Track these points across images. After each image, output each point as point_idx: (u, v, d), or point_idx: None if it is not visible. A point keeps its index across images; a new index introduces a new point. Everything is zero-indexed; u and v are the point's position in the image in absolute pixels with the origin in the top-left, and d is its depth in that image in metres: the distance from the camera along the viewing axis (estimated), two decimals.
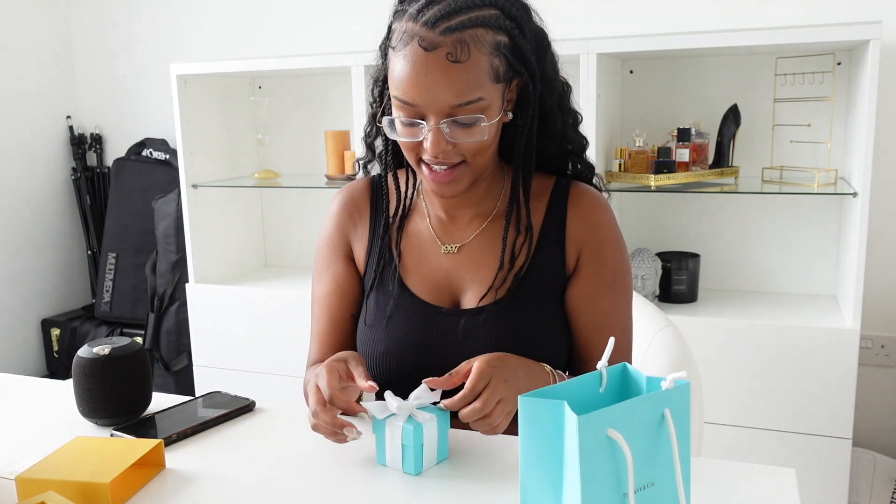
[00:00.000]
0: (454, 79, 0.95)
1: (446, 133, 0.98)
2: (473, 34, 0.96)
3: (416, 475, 0.90)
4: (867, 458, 2.17)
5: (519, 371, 0.96)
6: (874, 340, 2.22)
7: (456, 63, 0.95)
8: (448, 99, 0.96)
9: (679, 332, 1.32)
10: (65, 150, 3.19)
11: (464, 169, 1.03)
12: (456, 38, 0.95)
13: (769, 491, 0.86)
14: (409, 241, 1.16)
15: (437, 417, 0.92)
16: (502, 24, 0.99)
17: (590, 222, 1.11)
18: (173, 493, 0.89)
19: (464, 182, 1.05)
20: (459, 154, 1.02)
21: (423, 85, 0.96)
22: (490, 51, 0.97)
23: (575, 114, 1.15)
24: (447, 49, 0.95)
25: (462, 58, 0.95)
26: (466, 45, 0.95)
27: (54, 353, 3.15)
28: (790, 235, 2.25)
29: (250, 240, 2.83)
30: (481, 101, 0.98)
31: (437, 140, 0.99)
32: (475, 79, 0.96)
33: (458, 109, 0.97)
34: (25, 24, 3.01)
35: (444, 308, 1.11)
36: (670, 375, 0.72)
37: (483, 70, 0.97)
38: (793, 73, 2.13)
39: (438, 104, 0.97)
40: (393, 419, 0.91)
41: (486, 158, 1.05)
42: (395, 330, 1.11)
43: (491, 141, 1.03)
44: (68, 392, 1.18)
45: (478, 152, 1.02)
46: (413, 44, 0.96)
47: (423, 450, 0.90)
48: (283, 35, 2.76)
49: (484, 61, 0.97)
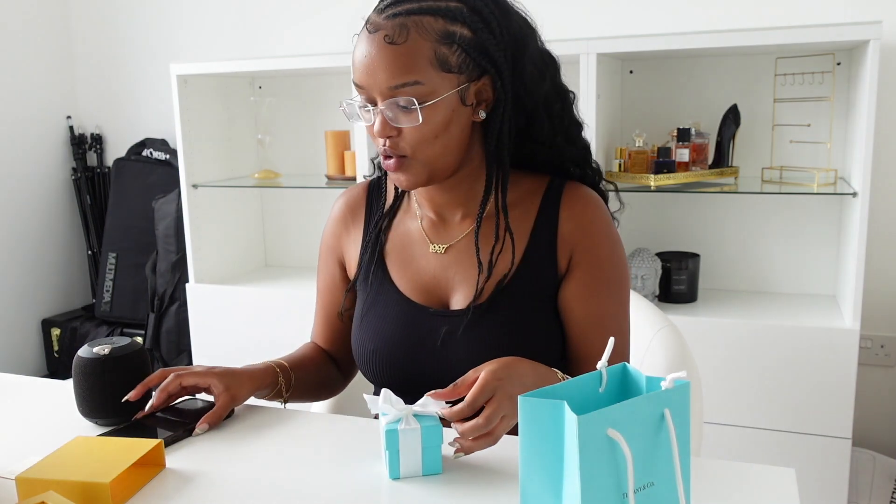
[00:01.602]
0: (388, 60, 0.98)
1: (389, 117, 1.01)
2: (418, 20, 0.98)
3: (392, 479, 0.90)
4: (867, 458, 2.17)
5: (528, 380, 0.92)
6: (874, 340, 2.22)
7: (391, 45, 0.98)
8: (384, 79, 0.99)
9: (679, 332, 1.32)
10: (65, 150, 3.19)
11: (408, 162, 1.03)
12: (398, 23, 0.98)
13: (769, 491, 0.86)
14: (399, 241, 1.17)
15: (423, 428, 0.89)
16: (463, 17, 1.00)
17: (582, 222, 1.10)
18: (173, 493, 0.89)
19: (414, 174, 1.04)
20: (401, 146, 1.02)
21: (364, 66, 1.00)
22: (436, 38, 0.98)
23: (575, 122, 1.13)
24: (386, 31, 0.98)
25: (398, 40, 0.98)
26: (406, 29, 0.98)
27: (54, 353, 3.15)
28: (790, 235, 2.25)
29: (250, 240, 2.83)
30: (418, 86, 0.98)
31: (382, 123, 1.01)
32: (411, 62, 0.98)
33: (394, 91, 0.99)
34: (25, 24, 3.01)
35: (432, 308, 1.12)
36: (670, 375, 0.72)
37: (423, 55, 0.98)
38: (792, 74, 2.13)
39: (378, 85, 1.00)
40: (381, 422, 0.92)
41: (433, 151, 1.03)
42: (383, 329, 1.12)
43: (438, 133, 1.02)
44: (68, 392, 1.18)
45: (420, 143, 1.02)
46: (364, 28, 1.01)
47: (399, 456, 0.89)
48: (283, 35, 2.76)
49: (426, 47, 0.98)
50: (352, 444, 0.99)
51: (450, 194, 1.12)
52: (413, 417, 0.91)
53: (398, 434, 0.89)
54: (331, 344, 1.28)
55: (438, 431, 0.90)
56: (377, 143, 1.06)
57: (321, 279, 1.27)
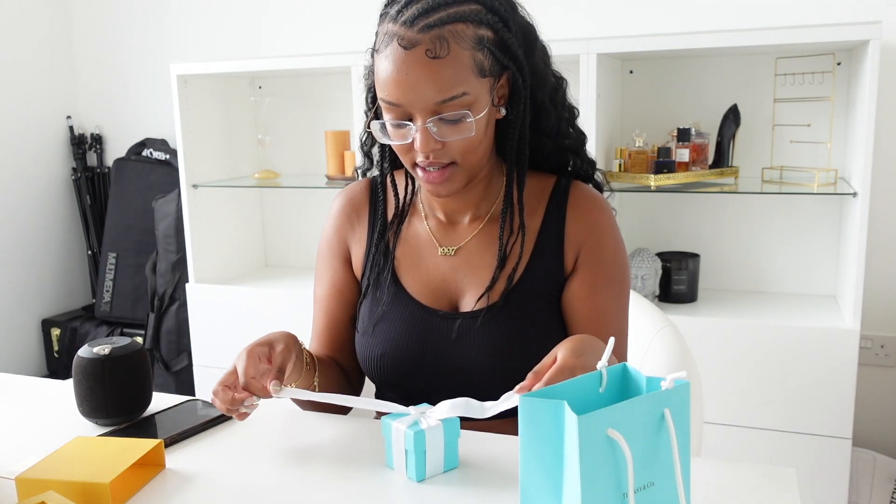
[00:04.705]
0: (435, 75, 0.95)
1: (434, 132, 0.98)
2: (452, 29, 0.96)
3: (418, 482, 0.89)
4: (867, 458, 2.17)
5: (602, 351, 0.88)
6: (874, 340, 2.22)
7: (436, 59, 0.95)
8: (431, 96, 0.96)
9: (679, 332, 1.32)
10: (65, 150, 3.19)
11: (455, 169, 1.03)
12: (434, 35, 0.95)
13: (769, 491, 0.86)
14: (407, 244, 1.16)
15: (445, 424, 0.90)
16: (485, 18, 0.99)
17: (589, 223, 1.10)
18: (173, 493, 0.89)
19: (457, 181, 1.04)
20: (449, 155, 1.01)
21: (405, 84, 0.96)
22: (472, 45, 0.97)
23: (571, 108, 1.14)
24: (426, 46, 0.95)
25: (441, 53, 0.95)
26: (446, 41, 0.95)
27: (54, 353, 3.15)
28: (790, 235, 2.25)
29: (250, 240, 2.83)
30: (466, 97, 0.97)
31: (426, 139, 0.99)
32: (457, 74, 0.96)
33: (442, 106, 0.97)
34: (26, 24, 3.01)
35: (442, 311, 1.11)
36: (670, 375, 0.72)
37: (465, 65, 0.97)
38: (793, 73, 2.13)
39: (422, 102, 0.97)
40: (398, 423, 0.90)
41: (477, 157, 1.04)
42: (392, 332, 1.11)
43: (481, 138, 1.02)
44: (68, 392, 1.18)
45: (468, 151, 1.02)
46: (393, 44, 0.96)
47: (427, 456, 0.89)
48: (283, 35, 2.76)
49: (465, 56, 0.97)
50: (352, 444, 0.99)
51: (465, 196, 1.12)
52: (426, 416, 0.90)
53: (425, 434, 0.88)
54: (337, 354, 1.20)
55: (457, 423, 0.91)
56: (410, 158, 1.03)
57: (324, 285, 1.21)
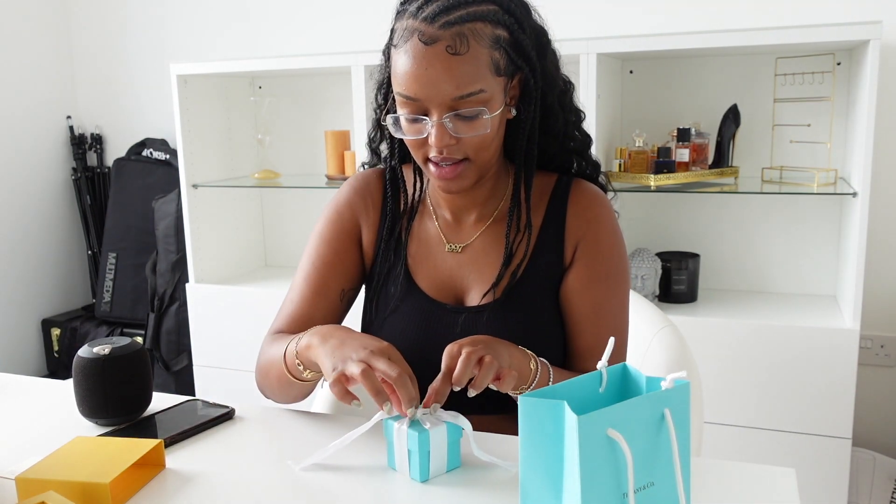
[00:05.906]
0: (454, 71, 0.97)
1: (449, 128, 1.00)
2: (472, 27, 0.97)
3: (422, 482, 0.89)
4: (867, 458, 2.17)
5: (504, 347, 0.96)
6: (874, 340, 2.22)
7: (456, 55, 0.96)
8: (449, 91, 0.97)
9: (679, 331, 1.32)
10: (65, 150, 3.19)
11: (467, 165, 1.04)
12: (455, 32, 0.96)
13: (769, 491, 0.86)
14: (417, 239, 1.17)
15: (448, 425, 0.90)
16: (501, 18, 1.00)
17: (588, 218, 1.12)
18: (173, 493, 0.89)
19: (468, 178, 1.06)
20: (463, 151, 1.03)
21: (424, 78, 0.97)
22: (490, 44, 0.99)
23: (577, 111, 1.16)
24: (447, 42, 0.96)
25: (461, 50, 0.96)
26: (465, 38, 0.97)
27: (54, 353, 3.15)
28: (790, 235, 2.25)
29: (250, 240, 2.83)
30: (482, 94, 0.99)
31: (441, 134, 1.00)
32: (475, 71, 0.98)
33: (459, 102, 0.98)
34: (25, 24, 3.01)
35: (449, 305, 1.13)
36: (670, 375, 0.72)
37: (483, 62, 0.98)
38: (792, 74, 2.13)
39: (440, 97, 0.98)
40: (400, 423, 0.89)
41: (489, 154, 1.06)
42: (401, 324, 1.13)
43: (494, 136, 1.04)
44: (68, 392, 1.18)
45: (481, 148, 1.03)
46: (413, 39, 0.98)
47: (430, 457, 0.89)
48: (283, 35, 2.76)
49: (484, 54, 0.98)
50: (352, 444, 0.99)
51: (472, 194, 1.13)
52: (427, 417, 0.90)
53: (429, 435, 0.88)
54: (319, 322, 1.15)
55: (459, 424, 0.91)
56: (422, 153, 1.04)
57: (323, 252, 1.17)
